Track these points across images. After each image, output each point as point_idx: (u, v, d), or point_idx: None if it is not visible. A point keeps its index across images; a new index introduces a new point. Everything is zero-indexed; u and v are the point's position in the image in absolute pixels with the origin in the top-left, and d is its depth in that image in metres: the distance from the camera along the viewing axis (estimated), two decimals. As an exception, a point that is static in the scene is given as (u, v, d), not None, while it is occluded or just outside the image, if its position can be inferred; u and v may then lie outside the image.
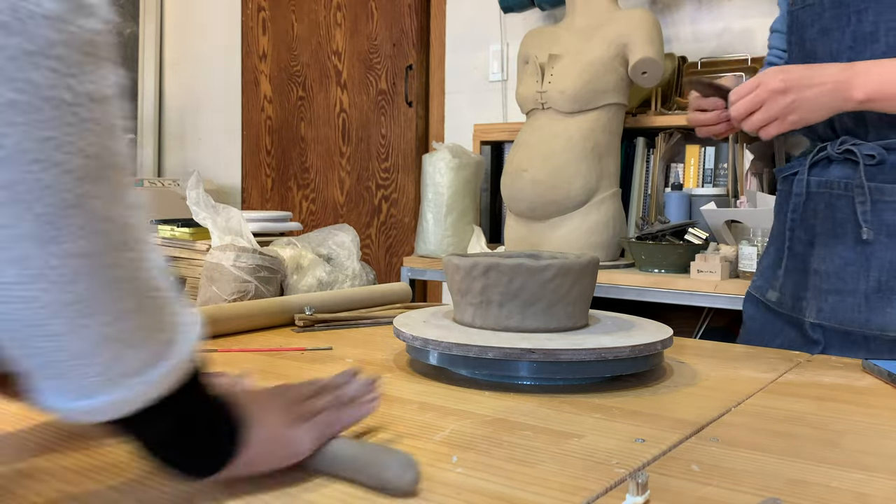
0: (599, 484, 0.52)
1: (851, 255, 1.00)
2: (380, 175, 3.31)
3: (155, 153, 4.04)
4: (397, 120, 3.25)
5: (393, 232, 3.28)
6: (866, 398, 0.77)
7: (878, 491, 0.52)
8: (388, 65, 3.27)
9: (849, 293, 1.01)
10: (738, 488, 0.52)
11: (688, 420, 0.67)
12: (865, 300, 0.99)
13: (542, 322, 0.83)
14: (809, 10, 1.04)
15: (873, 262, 0.98)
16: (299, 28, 3.53)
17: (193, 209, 1.30)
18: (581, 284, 0.85)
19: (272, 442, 0.50)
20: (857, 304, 1.00)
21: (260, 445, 0.49)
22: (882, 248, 0.98)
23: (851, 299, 1.00)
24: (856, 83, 0.91)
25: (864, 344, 1.00)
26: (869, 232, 0.97)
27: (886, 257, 0.97)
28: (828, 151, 1.04)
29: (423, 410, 0.70)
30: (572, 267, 0.83)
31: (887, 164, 0.99)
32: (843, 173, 1.02)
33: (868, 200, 0.98)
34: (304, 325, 1.13)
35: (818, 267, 1.03)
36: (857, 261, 1.00)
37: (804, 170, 1.06)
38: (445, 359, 0.80)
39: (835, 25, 1.00)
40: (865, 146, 1.00)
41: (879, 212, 0.98)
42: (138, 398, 0.40)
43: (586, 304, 0.88)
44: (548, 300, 0.83)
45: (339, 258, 1.43)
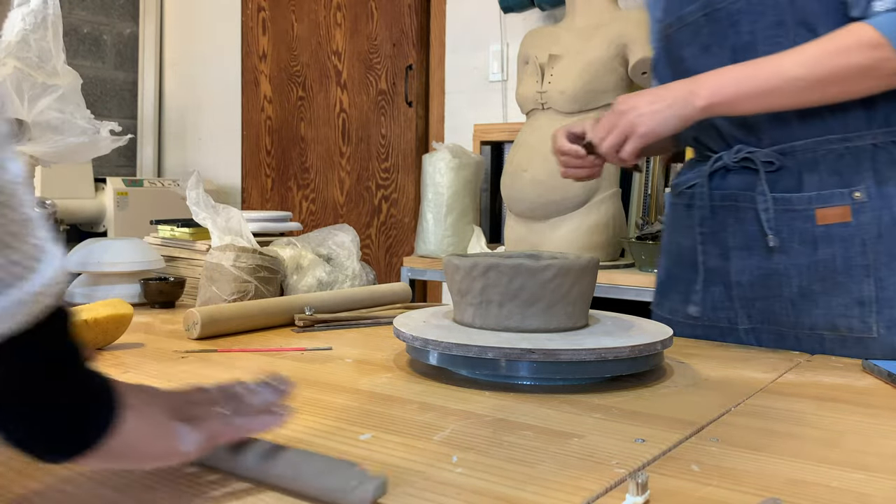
0: (599, 484, 0.52)
1: (769, 266, 1.01)
2: (380, 175, 3.31)
3: (155, 153, 4.04)
4: (397, 120, 3.25)
5: (393, 232, 3.28)
6: (866, 398, 0.77)
7: (878, 491, 0.52)
8: (388, 65, 3.27)
9: (774, 299, 1.02)
10: (738, 488, 0.52)
11: (688, 420, 0.67)
12: (792, 305, 1.00)
13: (541, 322, 0.83)
14: (686, 30, 1.05)
15: (791, 270, 0.99)
16: (299, 28, 3.53)
17: (193, 209, 1.30)
18: (581, 285, 0.85)
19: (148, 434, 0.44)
20: (784, 308, 1.01)
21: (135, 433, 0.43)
22: (797, 254, 0.99)
23: (778, 304, 1.01)
24: (698, 91, 0.93)
25: (797, 342, 1.01)
26: (775, 240, 0.99)
27: (803, 263, 0.98)
28: (724, 161, 1.04)
29: (423, 410, 0.70)
30: (572, 267, 0.83)
31: (786, 169, 1.00)
32: (743, 183, 1.03)
33: (771, 209, 0.99)
34: (304, 325, 1.13)
35: (738, 279, 1.04)
36: (775, 270, 1.01)
37: (704, 181, 1.06)
38: (445, 359, 0.80)
39: (714, 41, 1.01)
40: (761, 153, 1.01)
41: (789, 219, 0.99)
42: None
43: (586, 305, 0.88)
44: (548, 300, 0.83)
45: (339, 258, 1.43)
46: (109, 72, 3.94)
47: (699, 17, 1.02)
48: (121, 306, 0.97)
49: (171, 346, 0.99)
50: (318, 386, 0.79)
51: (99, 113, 3.69)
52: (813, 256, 0.98)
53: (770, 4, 0.96)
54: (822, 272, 0.98)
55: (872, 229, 0.95)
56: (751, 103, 0.93)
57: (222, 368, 0.88)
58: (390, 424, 0.65)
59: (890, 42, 0.88)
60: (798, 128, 0.98)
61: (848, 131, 0.97)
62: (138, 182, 3.34)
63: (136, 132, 4.00)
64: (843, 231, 0.96)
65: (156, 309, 1.31)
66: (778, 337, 1.02)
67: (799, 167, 0.99)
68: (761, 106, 0.94)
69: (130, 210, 3.22)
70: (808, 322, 0.99)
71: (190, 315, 1.04)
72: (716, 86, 0.92)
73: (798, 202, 0.98)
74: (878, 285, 0.95)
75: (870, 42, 0.88)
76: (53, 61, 1.30)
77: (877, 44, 0.88)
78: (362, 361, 0.91)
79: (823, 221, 0.97)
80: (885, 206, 0.96)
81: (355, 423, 0.66)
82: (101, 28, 3.90)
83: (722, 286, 1.06)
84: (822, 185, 0.97)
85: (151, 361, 0.90)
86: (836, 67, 0.89)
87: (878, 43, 0.88)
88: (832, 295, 0.97)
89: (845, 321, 0.97)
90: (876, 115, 0.96)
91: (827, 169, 0.97)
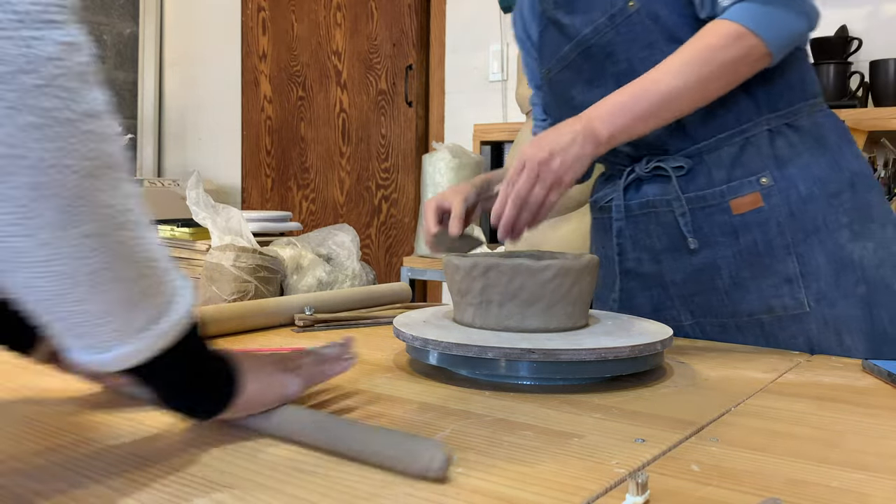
0: (599, 484, 0.52)
1: (699, 261, 1.04)
2: (380, 175, 3.31)
3: (155, 153, 4.04)
4: (397, 120, 3.25)
5: (393, 232, 3.28)
6: (866, 398, 0.77)
7: (878, 491, 0.52)
8: (388, 65, 3.27)
9: (710, 292, 1.04)
10: (738, 488, 0.52)
11: (688, 420, 0.67)
12: (727, 295, 1.03)
13: (541, 322, 0.83)
14: (566, 71, 1.09)
15: (720, 262, 1.03)
16: (299, 28, 3.53)
17: (193, 209, 1.30)
18: (581, 284, 0.85)
19: (265, 385, 0.61)
20: (720, 300, 1.04)
21: (254, 388, 0.60)
22: (722, 246, 1.02)
23: (715, 297, 1.04)
24: (597, 126, 0.95)
25: (738, 330, 1.04)
26: (694, 242, 1.03)
27: (729, 253, 1.02)
28: (637, 172, 1.08)
29: (423, 410, 0.70)
30: (572, 267, 0.83)
31: (696, 170, 1.04)
32: (659, 190, 1.06)
33: (687, 211, 1.03)
34: (304, 325, 1.13)
35: (673, 279, 1.07)
36: (705, 265, 1.04)
37: (619, 195, 1.10)
38: (445, 359, 0.80)
39: (595, 75, 1.05)
40: (670, 159, 1.05)
41: (707, 215, 1.02)
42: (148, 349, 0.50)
43: (586, 305, 0.88)
44: (547, 300, 0.83)
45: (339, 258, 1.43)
46: (109, 72, 3.94)
47: (575, 56, 1.07)
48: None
49: (171, 346, 0.99)
50: (317, 386, 0.79)
51: (99, 113, 3.69)
52: (736, 246, 1.02)
53: (637, 30, 1.01)
54: (747, 259, 1.01)
55: (784, 210, 1.00)
56: (645, 124, 0.96)
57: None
58: (390, 424, 0.65)
59: (749, 29, 0.93)
60: (697, 130, 1.03)
61: (742, 123, 1.02)
62: (138, 182, 3.34)
63: (136, 132, 4.00)
64: (758, 216, 1.00)
65: (156, 309, 1.30)
66: (721, 328, 1.05)
67: (707, 165, 1.03)
68: (656, 122, 0.97)
69: (130, 210, 3.22)
70: (746, 309, 1.02)
71: (190, 315, 1.04)
72: (609, 117, 0.95)
73: (712, 197, 1.02)
74: (800, 261, 0.99)
75: (733, 34, 0.93)
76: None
77: (739, 34, 0.93)
78: (362, 361, 0.91)
79: (739, 211, 1.01)
80: (790, 186, 1.00)
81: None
82: (101, 28, 3.90)
83: (660, 288, 1.08)
84: (731, 177, 1.02)
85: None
86: (711, 67, 0.94)
87: (739, 33, 0.93)
88: (761, 279, 1.01)
89: (779, 301, 1.00)
90: (760, 102, 1.01)
91: (732, 162, 1.02)
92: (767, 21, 0.93)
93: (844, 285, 0.99)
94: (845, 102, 2.26)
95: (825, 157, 1.01)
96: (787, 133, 1.02)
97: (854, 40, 2.33)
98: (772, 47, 0.94)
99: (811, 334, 0.99)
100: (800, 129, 1.02)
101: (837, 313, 0.98)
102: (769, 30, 0.93)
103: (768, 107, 1.01)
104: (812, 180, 1.00)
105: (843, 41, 2.31)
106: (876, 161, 2.28)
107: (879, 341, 0.99)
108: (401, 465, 0.53)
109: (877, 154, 2.30)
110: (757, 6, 0.93)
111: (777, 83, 1.01)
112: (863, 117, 2.22)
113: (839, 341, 0.99)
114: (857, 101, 2.29)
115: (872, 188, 1.04)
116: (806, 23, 0.96)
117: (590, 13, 1.03)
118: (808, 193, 1.00)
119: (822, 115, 1.05)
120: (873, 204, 1.03)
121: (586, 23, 1.04)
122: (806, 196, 1.00)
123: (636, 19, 1.00)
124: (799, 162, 1.00)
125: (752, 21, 0.93)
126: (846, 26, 2.37)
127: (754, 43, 0.93)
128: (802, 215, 0.99)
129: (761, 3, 0.94)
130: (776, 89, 1.01)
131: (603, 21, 1.02)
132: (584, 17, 1.04)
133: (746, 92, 1.00)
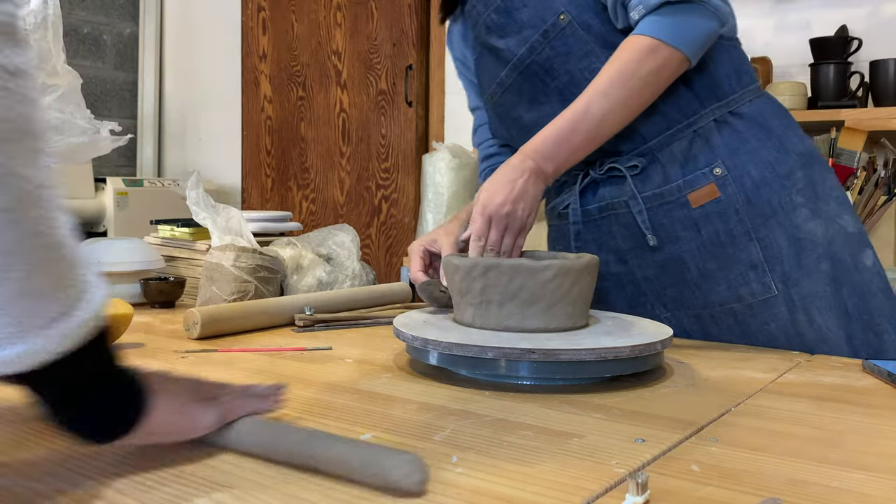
0: (599, 484, 0.52)
1: (665, 257, 1.05)
2: (380, 175, 3.31)
3: (155, 153, 4.04)
4: (397, 120, 3.25)
5: (393, 232, 3.28)
6: (866, 398, 0.77)
7: (878, 491, 0.52)
8: (388, 65, 3.27)
9: (682, 285, 1.05)
10: (738, 488, 0.52)
11: (688, 420, 0.67)
12: (697, 287, 1.04)
13: (541, 322, 0.83)
14: (508, 93, 1.10)
15: (686, 255, 1.04)
16: (299, 28, 3.53)
17: (193, 209, 1.30)
18: (581, 284, 0.85)
19: (173, 413, 0.53)
20: (691, 292, 1.05)
21: (161, 415, 0.51)
22: (685, 241, 1.03)
23: (686, 290, 1.05)
24: (540, 163, 0.98)
25: (713, 321, 1.05)
26: (653, 239, 1.04)
27: (693, 247, 1.03)
28: (592, 175, 1.09)
29: (423, 410, 0.70)
30: (572, 267, 0.83)
31: (650, 167, 1.05)
32: (616, 191, 1.07)
33: (644, 210, 1.04)
34: (304, 325, 1.13)
35: (644, 275, 1.08)
36: (672, 260, 1.05)
37: (575, 199, 1.10)
38: (445, 359, 0.80)
39: (538, 92, 1.07)
40: (624, 159, 1.06)
41: (667, 211, 1.04)
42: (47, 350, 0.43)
43: (586, 305, 0.88)
44: (547, 300, 0.83)
45: (339, 258, 1.43)
46: (109, 72, 3.94)
47: (515, 78, 1.08)
48: (121, 306, 0.97)
49: (171, 346, 0.99)
50: (318, 386, 0.79)
51: (99, 113, 3.70)
52: (699, 239, 1.03)
53: (571, 42, 1.02)
54: (711, 250, 1.02)
55: (740, 197, 1.01)
56: (585, 151, 1.00)
57: (222, 368, 0.88)
58: (390, 424, 0.65)
59: (662, 41, 0.95)
60: (646, 130, 1.04)
61: (688, 117, 1.03)
62: (138, 182, 3.34)
63: (136, 132, 4.00)
64: (717, 207, 1.02)
65: (156, 309, 1.31)
66: (696, 319, 1.06)
67: (660, 163, 1.04)
68: (595, 146, 1.00)
69: (130, 210, 3.22)
70: (717, 299, 1.04)
71: (190, 315, 1.04)
72: (551, 153, 0.98)
73: (670, 193, 1.03)
74: (762, 245, 1.01)
75: (647, 49, 0.96)
76: (53, 61, 1.29)
77: (653, 48, 0.96)
78: (362, 361, 0.91)
79: (697, 203, 1.02)
80: (743, 174, 1.02)
81: (356, 423, 0.66)
82: (101, 28, 3.90)
83: (632, 285, 1.09)
84: (685, 171, 1.03)
85: (152, 361, 0.90)
86: (634, 82, 0.97)
87: (653, 47, 0.96)
88: (728, 268, 1.02)
89: (747, 288, 1.02)
90: (701, 95, 1.03)
91: (684, 156, 1.03)
92: (677, 30, 0.96)
93: (807, 264, 1.01)
94: (845, 102, 2.26)
95: (771, 141, 1.03)
96: (733, 121, 1.04)
97: (854, 40, 2.33)
98: (687, 53, 0.97)
99: (783, 318, 1.01)
100: (743, 116, 1.04)
101: (804, 292, 1.00)
102: (681, 38, 0.96)
103: (710, 98, 1.03)
104: (763, 165, 1.02)
105: (843, 41, 2.31)
106: (876, 161, 2.28)
107: (847, 318, 1.01)
108: (379, 481, 0.50)
109: (877, 154, 2.30)
110: (664, 18, 0.96)
111: (715, 74, 1.03)
112: (863, 117, 2.22)
113: (810, 321, 1.00)
114: (857, 101, 2.29)
115: (817, 165, 1.06)
116: (717, 21, 0.98)
117: (522, 33, 1.05)
118: (761, 178, 1.01)
119: (762, 101, 1.07)
120: (818, 181, 1.05)
121: (520, 43, 1.05)
122: (759, 181, 1.01)
123: (569, 31, 1.02)
124: (748, 148, 1.02)
125: (662, 33, 0.95)
126: (846, 26, 2.37)
127: (669, 53, 0.96)
128: (758, 200, 1.01)
129: (669, 14, 0.96)
130: (715, 80, 1.03)
131: (537, 38, 1.03)
132: (517, 37, 1.05)
133: (687, 87, 1.02)
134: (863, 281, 1.02)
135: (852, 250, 1.03)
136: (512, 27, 1.06)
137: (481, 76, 1.16)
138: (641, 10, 0.97)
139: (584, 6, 1.02)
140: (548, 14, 1.02)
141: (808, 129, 2.41)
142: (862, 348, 1.01)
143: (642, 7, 0.96)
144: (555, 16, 1.02)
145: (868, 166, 2.24)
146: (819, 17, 2.46)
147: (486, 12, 1.08)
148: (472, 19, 1.12)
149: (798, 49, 2.45)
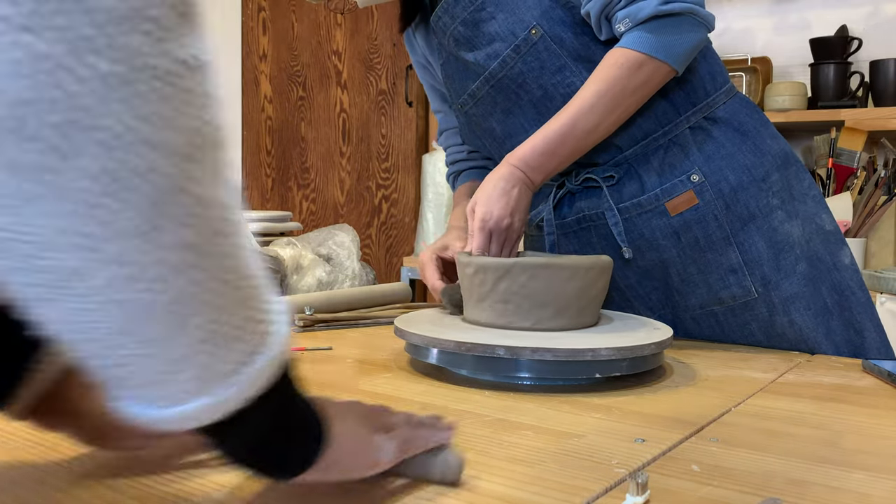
0: (599, 484, 0.52)
1: (646, 265, 1.05)
2: (380, 175, 3.31)
3: (155, 153, 4.04)
4: (397, 120, 3.25)
5: (393, 232, 3.28)
6: (866, 398, 0.77)
7: (878, 491, 0.52)
8: (388, 65, 3.27)
9: (663, 289, 1.06)
10: (738, 488, 0.52)
11: (688, 420, 0.67)
12: (678, 292, 1.05)
13: (554, 323, 0.83)
14: (480, 104, 1.09)
15: (667, 263, 1.04)
16: (299, 28, 3.53)
17: (193, 209, 1.30)
18: (596, 285, 0.85)
19: (355, 445, 0.46)
20: (672, 296, 1.06)
21: (343, 447, 0.45)
22: (665, 249, 1.03)
23: (667, 293, 1.06)
24: (530, 175, 0.98)
25: (695, 323, 1.06)
26: (629, 251, 1.04)
27: (674, 255, 1.03)
28: (568, 186, 1.09)
29: (423, 410, 0.70)
30: (591, 267, 0.83)
31: (626, 177, 1.05)
32: (592, 203, 1.07)
33: (620, 221, 1.04)
34: (304, 325, 1.13)
35: (627, 283, 1.08)
36: (653, 268, 1.05)
37: (549, 209, 1.10)
38: (445, 358, 0.80)
39: (512, 104, 1.06)
40: (599, 170, 1.06)
41: (646, 220, 1.03)
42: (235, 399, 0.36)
43: (598, 305, 0.88)
44: (563, 301, 0.83)
45: (339, 258, 1.43)
46: (109, 72, 3.94)
47: (487, 90, 1.07)
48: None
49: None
50: (318, 386, 0.79)
51: (99, 113, 3.68)
52: (679, 246, 1.03)
53: (544, 56, 1.01)
54: (691, 256, 1.02)
55: (718, 203, 1.01)
56: (570, 160, 1.01)
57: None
58: (390, 424, 0.65)
59: (650, 56, 0.95)
60: (621, 141, 1.03)
61: (663, 125, 1.03)
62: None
63: (137, 132, 4.00)
64: (695, 214, 1.02)
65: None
66: (678, 321, 1.07)
67: (637, 172, 1.04)
68: (579, 155, 1.01)
69: (130, 210, 3.22)
70: (698, 302, 1.04)
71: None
72: (539, 164, 0.98)
73: (648, 203, 1.03)
74: (741, 249, 1.01)
75: (635, 64, 0.95)
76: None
77: (640, 62, 0.95)
78: (362, 361, 0.91)
79: (676, 211, 1.02)
80: (720, 179, 1.02)
81: (355, 423, 0.66)
82: (102, 28, 3.90)
83: (616, 291, 1.09)
84: (663, 180, 1.03)
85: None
86: (622, 95, 0.96)
87: (641, 61, 0.95)
88: (708, 273, 1.02)
89: (727, 292, 1.02)
90: (677, 102, 1.03)
91: (661, 164, 1.03)
92: (665, 45, 0.95)
93: (785, 266, 1.01)
94: (845, 102, 2.26)
95: (747, 144, 1.03)
96: (708, 127, 1.03)
97: (854, 40, 2.33)
98: (674, 65, 0.96)
99: (763, 318, 1.01)
100: (718, 121, 1.04)
101: (784, 294, 1.01)
102: (669, 52, 0.95)
103: (686, 105, 1.03)
104: (740, 169, 1.02)
105: (843, 41, 2.31)
106: (876, 161, 2.28)
107: (827, 315, 1.01)
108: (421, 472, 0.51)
109: (877, 154, 2.30)
110: (652, 33, 0.95)
111: (690, 81, 1.03)
112: (863, 117, 2.22)
113: (790, 322, 1.01)
114: (857, 101, 2.29)
115: (793, 165, 1.06)
116: (704, 30, 0.98)
117: (492, 45, 1.03)
118: (738, 182, 1.01)
119: (736, 101, 1.06)
120: (794, 182, 1.05)
121: (491, 57, 1.03)
122: (736, 185, 1.01)
123: (541, 46, 1.00)
124: (724, 153, 1.02)
125: (649, 48, 0.95)
126: (846, 26, 2.37)
127: (656, 66, 0.96)
128: (736, 205, 1.01)
129: (656, 27, 0.95)
130: (690, 86, 1.03)
131: (508, 53, 1.02)
132: (487, 50, 1.03)
133: (663, 96, 1.02)
134: (842, 279, 1.03)
135: (830, 248, 1.04)
136: (481, 39, 1.04)
137: (449, 84, 1.14)
138: (628, 23, 0.95)
139: (556, 20, 1.00)
140: (518, 28, 1.00)
141: (808, 129, 2.41)
142: (844, 346, 1.01)
143: (629, 20, 0.95)
144: (526, 30, 1.00)
145: (868, 166, 2.24)
146: (819, 17, 2.46)
147: (452, 24, 1.06)
148: (439, 30, 1.09)
149: (798, 49, 2.46)
